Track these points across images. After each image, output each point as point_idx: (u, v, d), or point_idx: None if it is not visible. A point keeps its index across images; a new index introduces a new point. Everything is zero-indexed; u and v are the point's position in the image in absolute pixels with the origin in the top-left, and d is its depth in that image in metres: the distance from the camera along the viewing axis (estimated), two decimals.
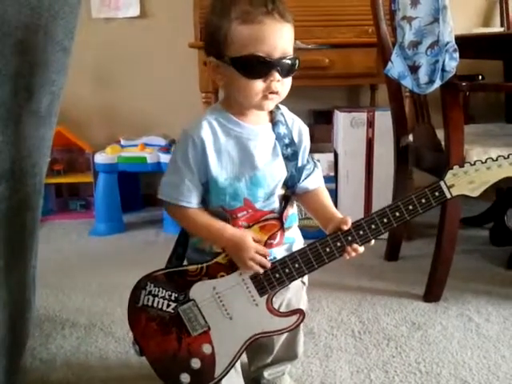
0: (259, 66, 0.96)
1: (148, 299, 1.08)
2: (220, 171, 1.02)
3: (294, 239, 1.12)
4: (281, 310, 1.10)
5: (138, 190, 2.94)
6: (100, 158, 2.51)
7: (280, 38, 0.96)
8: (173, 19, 2.71)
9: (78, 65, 1.64)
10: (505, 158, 1.02)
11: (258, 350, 1.22)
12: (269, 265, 1.02)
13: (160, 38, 2.76)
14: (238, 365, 1.13)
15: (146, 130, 2.73)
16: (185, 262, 1.12)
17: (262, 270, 1.02)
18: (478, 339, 1.50)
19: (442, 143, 1.69)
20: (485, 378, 1.32)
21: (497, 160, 1.02)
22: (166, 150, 2.53)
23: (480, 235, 2.35)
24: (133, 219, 2.73)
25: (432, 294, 1.74)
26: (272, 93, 0.98)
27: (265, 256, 1.02)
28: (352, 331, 1.56)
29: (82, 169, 2.81)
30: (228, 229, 1.03)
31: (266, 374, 1.27)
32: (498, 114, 2.64)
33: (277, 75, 0.96)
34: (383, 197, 2.13)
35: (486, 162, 1.02)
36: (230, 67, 0.97)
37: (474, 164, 1.02)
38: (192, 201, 1.03)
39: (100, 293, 1.84)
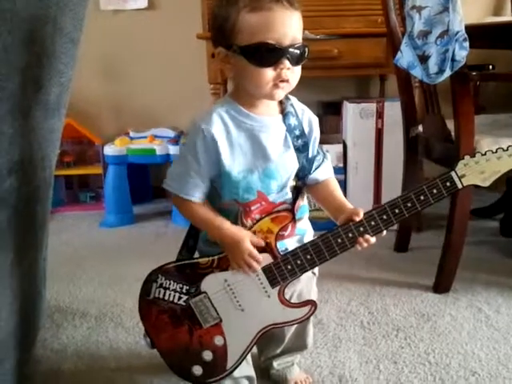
0: (269, 54, 0.95)
1: (159, 292, 1.08)
2: (233, 164, 1.02)
3: (305, 231, 1.13)
4: (292, 301, 1.10)
5: (147, 182, 2.95)
6: (109, 150, 2.51)
7: (289, 26, 0.95)
8: (180, 10, 2.70)
9: (86, 57, 1.64)
10: None
11: (268, 340, 1.22)
12: (258, 268, 1.02)
13: (168, 29, 2.75)
14: (248, 355, 1.14)
15: (154, 122, 2.74)
16: (196, 255, 1.12)
17: (249, 273, 1.03)
18: (487, 330, 1.50)
19: (452, 133, 1.68)
20: (494, 369, 1.32)
21: (507, 150, 1.02)
22: (174, 141, 2.54)
23: (490, 226, 2.34)
24: (142, 211, 2.73)
25: (442, 285, 1.74)
26: (282, 81, 0.97)
27: (257, 261, 1.02)
28: (361, 322, 1.56)
29: (91, 161, 2.82)
30: (228, 227, 1.02)
31: (276, 364, 1.27)
32: (508, 104, 2.61)
33: (287, 63, 0.95)
34: (392, 188, 2.12)
35: (496, 151, 1.02)
36: (240, 56, 0.96)
37: (485, 154, 1.02)
38: (195, 194, 1.03)
39: (110, 284, 1.85)
